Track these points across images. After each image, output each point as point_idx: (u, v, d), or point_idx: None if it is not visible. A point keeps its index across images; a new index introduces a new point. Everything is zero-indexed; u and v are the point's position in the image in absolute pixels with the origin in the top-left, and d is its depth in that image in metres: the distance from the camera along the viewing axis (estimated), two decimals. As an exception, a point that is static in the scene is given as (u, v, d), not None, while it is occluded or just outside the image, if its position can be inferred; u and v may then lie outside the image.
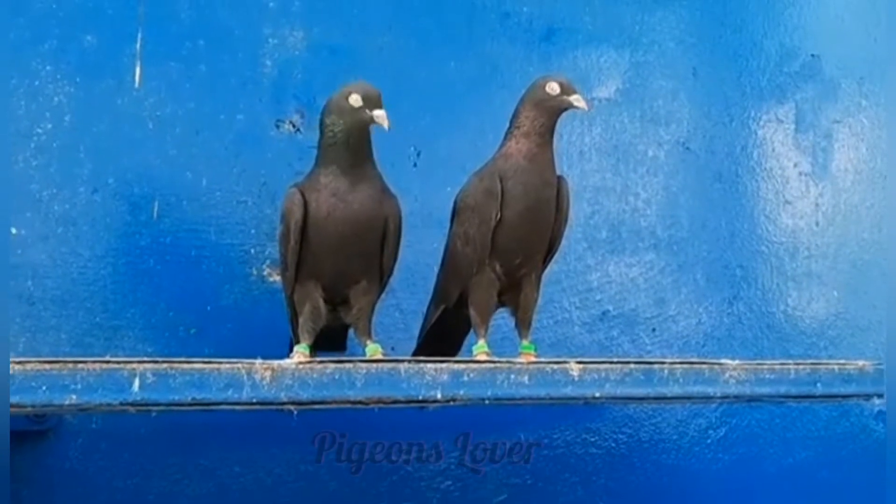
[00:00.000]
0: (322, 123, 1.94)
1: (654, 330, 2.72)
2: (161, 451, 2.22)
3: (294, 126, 2.38)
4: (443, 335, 2.15)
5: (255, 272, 2.32)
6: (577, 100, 1.99)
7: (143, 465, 2.21)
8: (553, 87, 2.00)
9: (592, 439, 2.62)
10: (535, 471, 2.55)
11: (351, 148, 1.91)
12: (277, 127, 2.38)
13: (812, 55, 2.99)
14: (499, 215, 1.96)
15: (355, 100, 1.90)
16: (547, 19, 2.67)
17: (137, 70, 2.26)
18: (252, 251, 2.32)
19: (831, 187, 3.00)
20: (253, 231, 2.33)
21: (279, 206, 2.28)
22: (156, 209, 2.25)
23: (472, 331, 2.07)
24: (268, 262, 2.33)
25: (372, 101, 1.90)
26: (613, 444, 2.64)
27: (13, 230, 2.13)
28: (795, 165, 2.95)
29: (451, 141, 2.53)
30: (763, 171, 2.91)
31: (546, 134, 1.99)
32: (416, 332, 2.25)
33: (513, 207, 1.96)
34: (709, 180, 2.84)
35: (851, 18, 3.07)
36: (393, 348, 2.19)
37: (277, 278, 2.32)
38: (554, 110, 1.99)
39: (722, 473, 2.76)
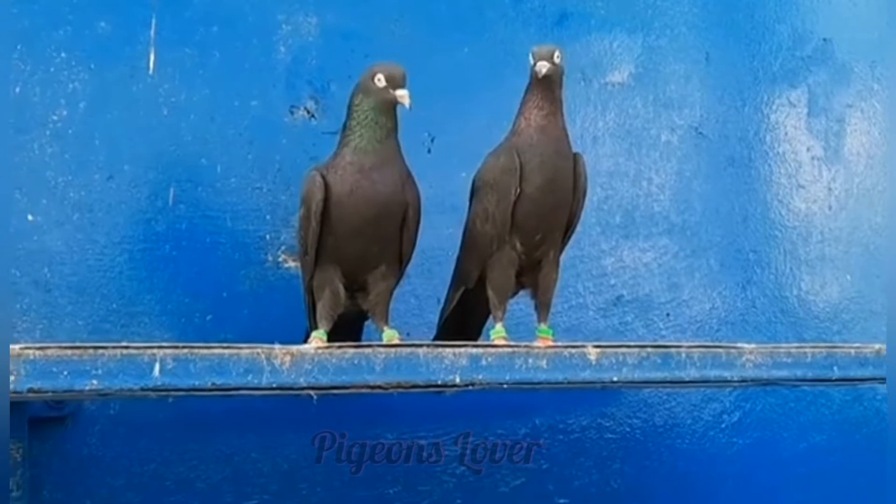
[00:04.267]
0: (350, 103, 1.94)
1: (668, 315, 2.72)
2: (179, 437, 2.22)
3: (308, 112, 2.38)
4: (463, 319, 2.15)
5: (270, 258, 2.32)
6: (540, 66, 1.98)
7: (160, 451, 2.21)
8: (532, 55, 2.01)
9: (607, 424, 2.62)
10: (550, 455, 2.55)
11: (376, 127, 1.91)
12: (292, 113, 2.38)
13: (824, 39, 2.98)
14: (518, 190, 1.96)
15: (379, 79, 1.91)
16: (560, 4, 2.67)
17: (151, 56, 2.25)
18: (267, 237, 2.32)
19: (844, 171, 3.00)
20: (268, 217, 2.33)
21: (294, 192, 2.31)
22: (171, 195, 2.25)
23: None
24: (283, 248, 2.33)
25: (395, 81, 1.90)
26: (628, 429, 2.64)
27: (29, 217, 2.13)
28: (808, 150, 2.95)
29: (465, 126, 2.52)
30: (776, 156, 2.91)
31: (546, 105, 1.99)
32: (432, 319, 2.25)
33: (531, 181, 1.96)
34: (722, 165, 2.83)
35: (863, 2, 3.06)
36: (408, 334, 2.19)
37: (293, 264, 2.32)
38: (535, 77, 2.00)
39: (736, 458, 2.76)
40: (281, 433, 2.31)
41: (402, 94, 1.90)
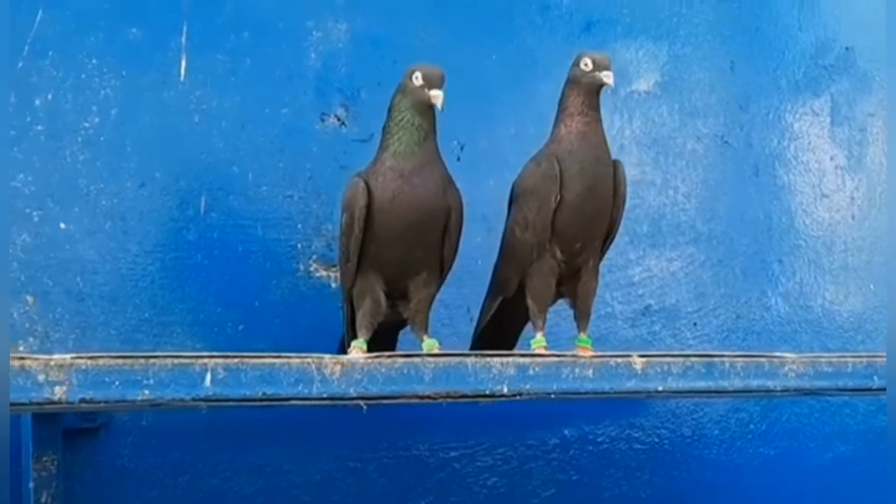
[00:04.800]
0: (390, 104, 1.92)
1: (695, 324, 2.70)
2: (211, 449, 2.20)
3: (339, 119, 2.36)
4: (500, 329, 2.12)
5: (301, 267, 2.30)
6: (606, 76, 1.96)
7: (193, 463, 2.19)
8: (586, 63, 1.98)
9: (636, 435, 2.61)
10: (580, 466, 2.53)
11: (414, 130, 1.89)
12: (322, 120, 2.36)
13: (846, 48, 2.97)
14: (558, 197, 1.94)
15: (417, 77, 1.89)
16: (586, 12, 2.65)
17: (183, 63, 2.23)
18: (298, 246, 2.31)
19: (867, 181, 2.98)
20: (299, 226, 2.31)
21: (325, 201, 2.30)
22: (203, 204, 2.23)
23: (529, 323, 2.05)
24: (314, 257, 2.31)
25: (432, 81, 1.88)
26: (657, 440, 2.63)
27: (62, 225, 2.11)
28: (832, 159, 2.94)
29: (493, 134, 2.52)
30: (800, 165, 2.89)
31: (590, 112, 1.97)
32: (462, 329, 2.24)
33: (571, 188, 1.94)
34: (747, 174, 2.82)
35: (885, 10, 3.05)
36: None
37: (324, 273, 2.30)
38: (588, 87, 1.97)
39: (763, 468, 2.75)
40: (314, 444, 2.29)
41: (436, 95, 1.87)
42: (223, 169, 2.26)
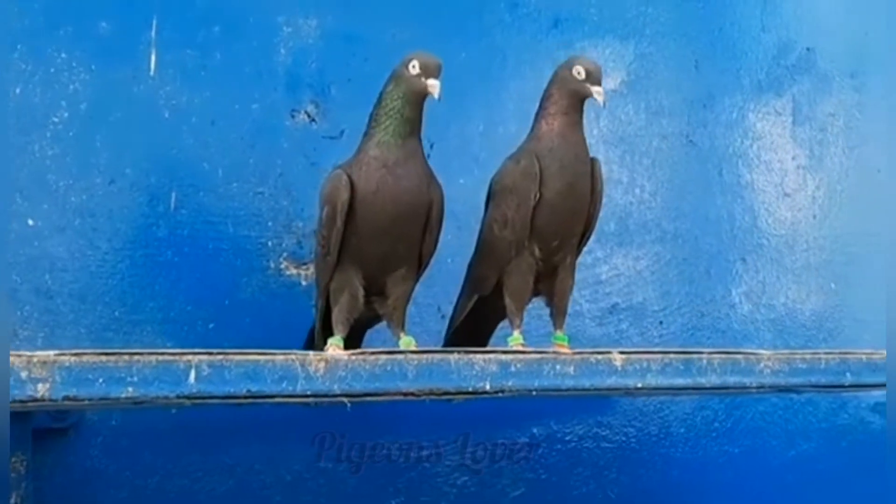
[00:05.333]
0: (381, 93, 1.90)
1: (661, 322, 2.71)
2: (182, 449, 2.17)
3: (309, 116, 2.34)
4: (473, 327, 2.11)
5: (272, 265, 2.28)
6: (597, 92, 1.96)
7: (163, 463, 2.16)
8: (579, 72, 1.97)
9: (603, 433, 2.61)
10: (548, 465, 2.53)
11: (405, 119, 1.87)
12: (293, 117, 2.33)
13: (807, 48, 3.00)
14: (538, 195, 1.93)
15: (414, 66, 1.87)
16: (554, 10, 2.65)
17: (153, 58, 2.20)
18: (269, 244, 2.28)
19: (827, 180, 3.01)
20: (270, 223, 2.28)
21: (296, 198, 2.28)
22: (173, 200, 2.20)
23: (506, 321, 2.04)
24: (284, 254, 2.29)
25: (430, 70, 1.87)
26: (624, 438, 2.63)
27: (30, 221, 2.07)
28: (794, 158, 2.97)
29: (463, 132, 2.51)
30: (762, 164, 2.92)
31: (574, 114, 1.97)
32: (432, 327, 2.23)
33: (551, 186, 1.94)
34: (711, 173, 2.84)
35: (844, 12, 3.08)
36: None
37: (294, 271, 2.29)
38: (576, 94, 1.97)
39: (728, 465, 2.77)
40: (284, 444, 2.26)
41: (434, 84, 1.86)
42: (193, 165, 2.23)
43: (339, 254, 1.88)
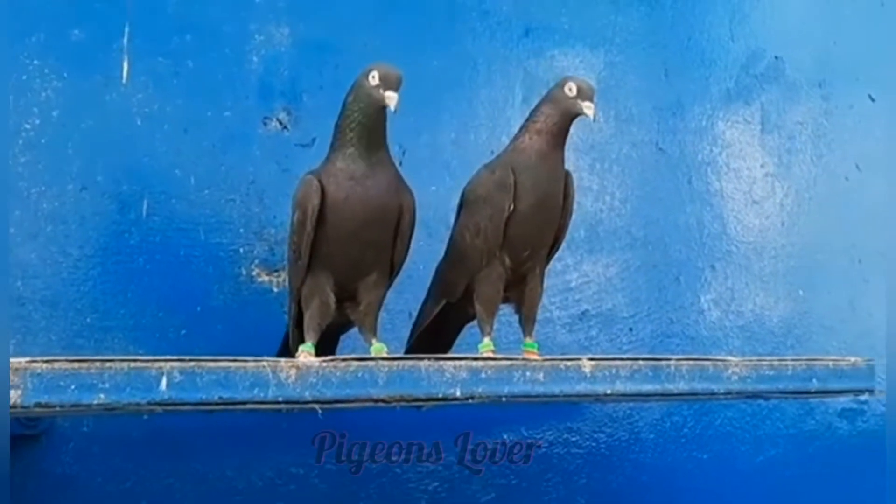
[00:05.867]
0: (343, 103, 1.90)
1: (630, 329, 2.73)
2: (153, 455, 2.17)
3: (281, 123, 2.35)
4: (437, 333, 2.13)
5: (244, 272, 2.29)
6: (587, 107, 1.97)
7: (135, 469, 2.16)
8: (571, 88, 1.98)
9: (574, 439, 2.62)
10: (519, 471, 2.54)
11: (367, 130, 1.87)
12: (265, 124, 2.34)
13: (776, 57, 3.03)
14: (511, 206, 1.94)
15: (374, 76, 1.86)
16: (525, 18, 2.67)
17: (125, 65, 2.21)
18: (241, 250, 2.29)
19: (795, 188, 3.04)
20: (241, 230, 2.29)
21: (267, 205, 2.29)
22: (145, 207, 2.20)
23: (471, 324, 2.08)
24: (256, 261, 2.30)
25: (388, 82, 1.85)
26: (594, 444, 2.65)
27: (2, 228, 2.08)
28: (762, 166, 2.99)
29: (435, 139, 2.53)
30: (731, 172, 2.94)
31: (559, 134, 1.98)
32: (402, 333, 2.23)
33: (524, 200, 1.95)
34: (681, 180, 2.86)
35: (812, 21, 3.11)
36: (383, 349, 2.17)
37: (266, 278, 2.29)
38: (566, 112, 1.98)
39: (697, 471, 2.79)
40: (256, 450, 2.27)
41: (391, 97, 1.84)
42: (165, 172, 2.23)
43: (310, 259, 1.88)
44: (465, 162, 2.37)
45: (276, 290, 2.29)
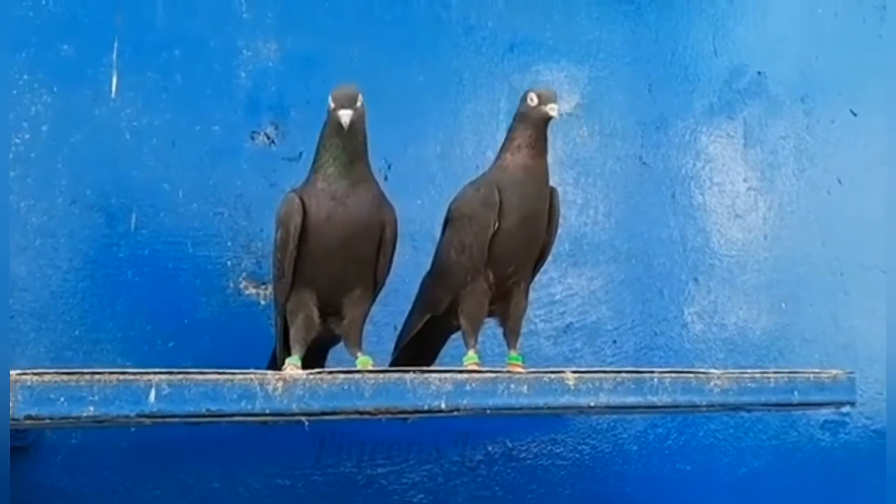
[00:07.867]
0: (323, 124, 1.93)
1: (614, 342, 2.75)
2: (141, 467, 2.19)
3: (269, 138, 2.37)
4: (421, 345, 2.15)
5: (231, 285, 2.31)
6: (551, 108, 1.99)
7: (123, 481, 2.18)
8: (532, 98, 2.01)
9: (558, 450, 2.64)
10: (504, 482, 2.56)
11: (342, 149, 1.89)
12: (252, 139, 2.36)
13: (758, 72, 3.06)
14: (496, 224, 1.97)
15: (331, 100, 1.89)
16: (510, 34, 2.70)
17: (114, 80, 2.23)
18: (228, 263, 2.31)
19: (778, 201, 3.06)
20: (229, 243, 2.31)
21: (254, 218, 2.31)
22: (133, 221, 2.22)
23: (454, 336, 2.10)
24: (244, 274, 2.32)
25: (339, 101, 1.87)
26: (578, 455, 2.66)
27: (-10, 241, 2.09)
28: (745, 180, 3.02)
29: (420, 154, 2.55)
30: (714, 186, 2.97)
31: (538, 145, 2.00)
32: (388, 346, 2.25)
33: (509, 218, 1.97)
34: (664, 194, 2.88)
35: (795, 37, 3.14)
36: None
37: (254, 291, 2.31)
38: (536, 121, 2.00)
39: (680, 482, 2.80)
40: (243, 462, 2.28)
41: (343, 114, 1.86)
42: (154, 186, 2.26)
43: (293, 275, 1.91)
44: (451, 176, 2.39)
45: (263, 302, 2.31)
